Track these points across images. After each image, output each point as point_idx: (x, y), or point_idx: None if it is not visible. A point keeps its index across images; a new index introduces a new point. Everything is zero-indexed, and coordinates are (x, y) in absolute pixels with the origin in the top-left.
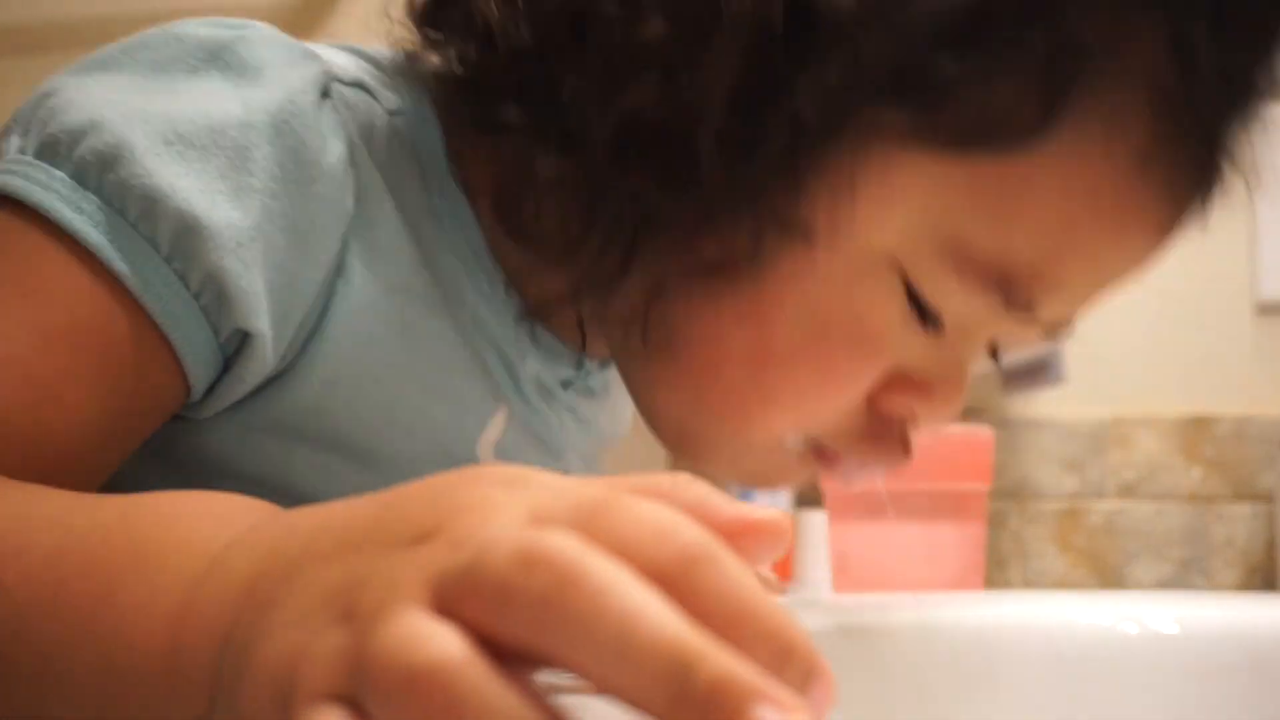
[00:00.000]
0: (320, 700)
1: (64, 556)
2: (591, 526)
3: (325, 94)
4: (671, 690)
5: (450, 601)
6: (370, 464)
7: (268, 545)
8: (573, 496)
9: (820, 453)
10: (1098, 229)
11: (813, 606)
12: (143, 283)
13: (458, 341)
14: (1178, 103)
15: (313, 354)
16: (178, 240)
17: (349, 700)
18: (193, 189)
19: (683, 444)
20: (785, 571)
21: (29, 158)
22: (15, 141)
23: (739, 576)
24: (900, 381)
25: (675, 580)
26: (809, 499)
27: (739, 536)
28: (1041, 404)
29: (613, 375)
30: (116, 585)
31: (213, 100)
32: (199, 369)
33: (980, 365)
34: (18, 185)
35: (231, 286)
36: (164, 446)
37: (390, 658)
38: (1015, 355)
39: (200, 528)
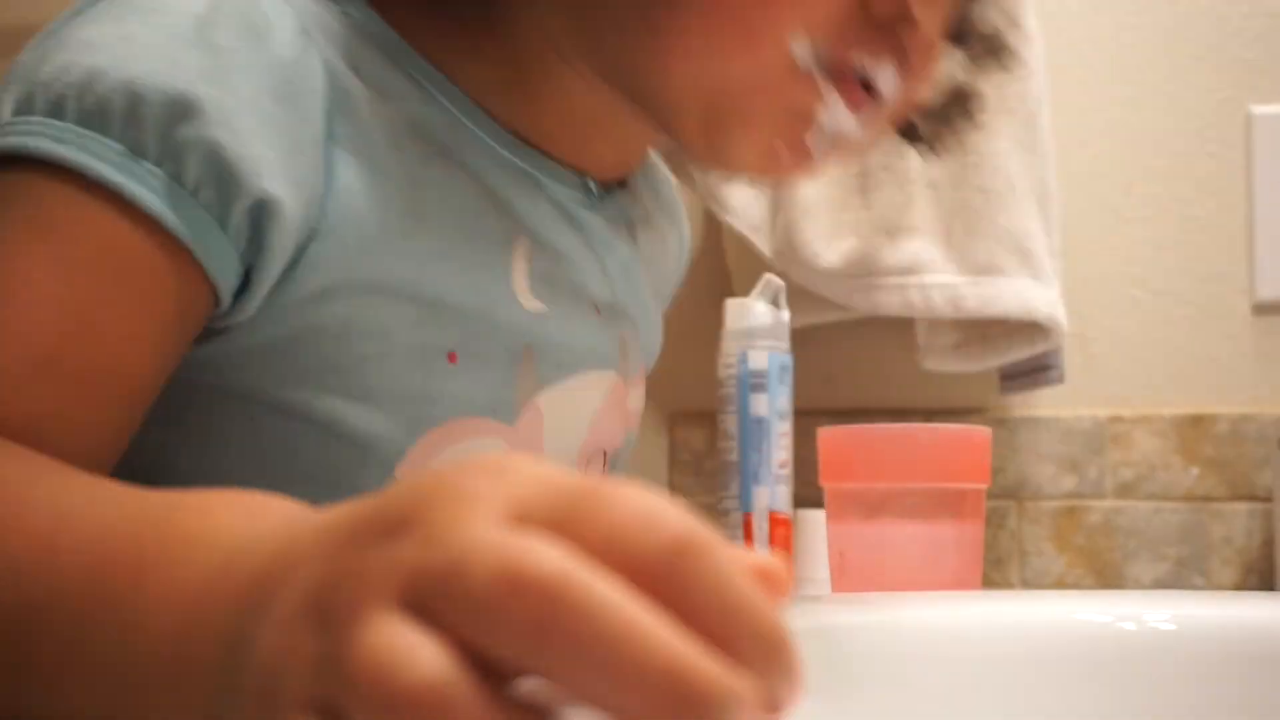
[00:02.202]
0: (302, 711)
1: (96, 547)
2: (575, 518)
3: None
4: (666, 709)
5: (426, 605)
6: (420, 315)
7: (275, 546)
8: (555, 486)
9: (831, 69)
10: None
11: (811, 606)
12: (142, 192)
13: (464, 185)
14: None
15: (331, 216)
16: (164, 138)
17: (330, 708)
18: (167, 82)
19: (704, 112)
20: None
21: (6, 118)
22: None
23: (728, 568)
24: None
25: (663, 572)
26: (808, 499)
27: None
28: (1040, 403)
29: (652, 207)
30: (143, 576)
31: (160, 6)
32: (217, 263)
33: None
34: (11, 143)
35: (229, 156)
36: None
37: (374, 673)
38: (1010, 356)
39: (227, 524)
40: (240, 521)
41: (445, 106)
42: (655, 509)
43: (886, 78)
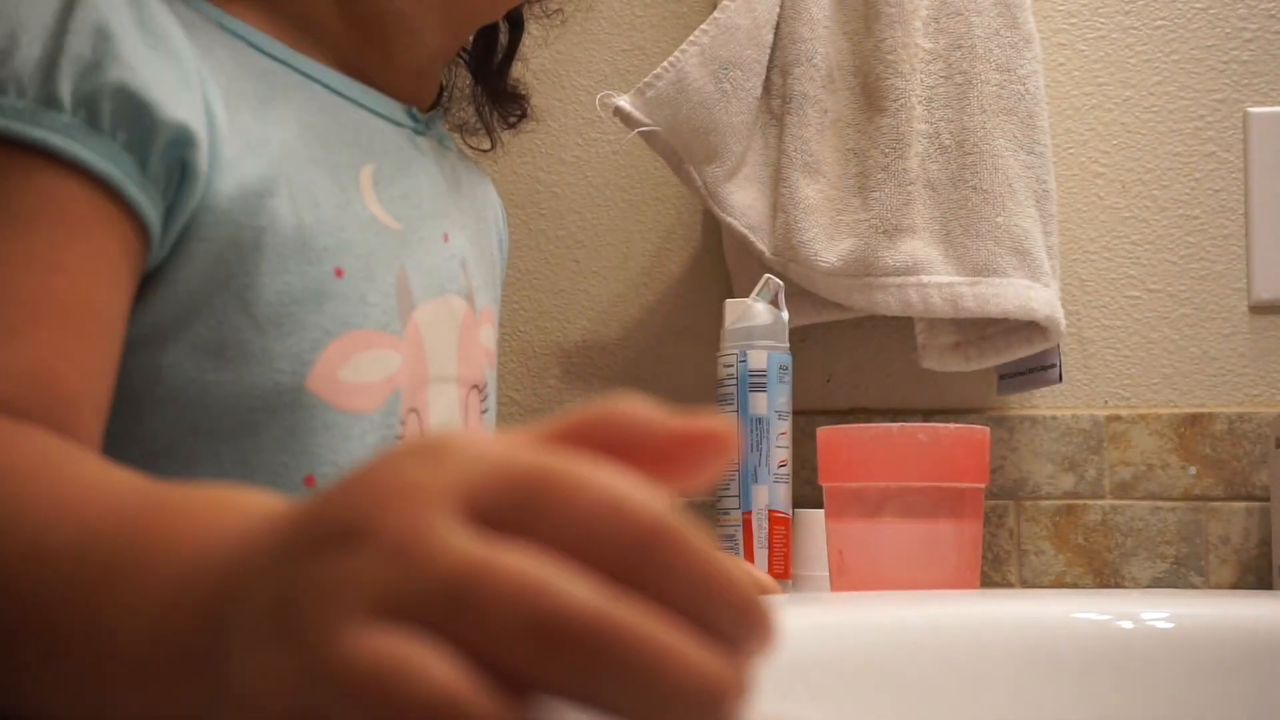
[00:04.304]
0: None
1: (77, 550)
2: (537, 512)
3: None
4: (654, 696)
5: (415, 617)
6: (302, 231)
7: (227, 562)
8: (510, 471)
9: None
10: None
11: (811, 605)
12: (74, 149)
13: (304, 115)
14: None
15: (218, 146)
16: (77, 84)
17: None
18: (52, 46)
19: None
20: (785, 571)
21: None
22: None
23: (697, 549)
24: None
25: (634, 563)
26: (808, 499)
27: (682, 450)
28: (1038, 403)
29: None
30: (115, 584)
31: None
32: (144, 201)
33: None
34: None
35: (137, 90)
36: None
37: (378, 685)
38: (1008, 356)
39: (190, 542)
40: (202, 529)
41: (268, 54)
42: (622, 500)
43: None
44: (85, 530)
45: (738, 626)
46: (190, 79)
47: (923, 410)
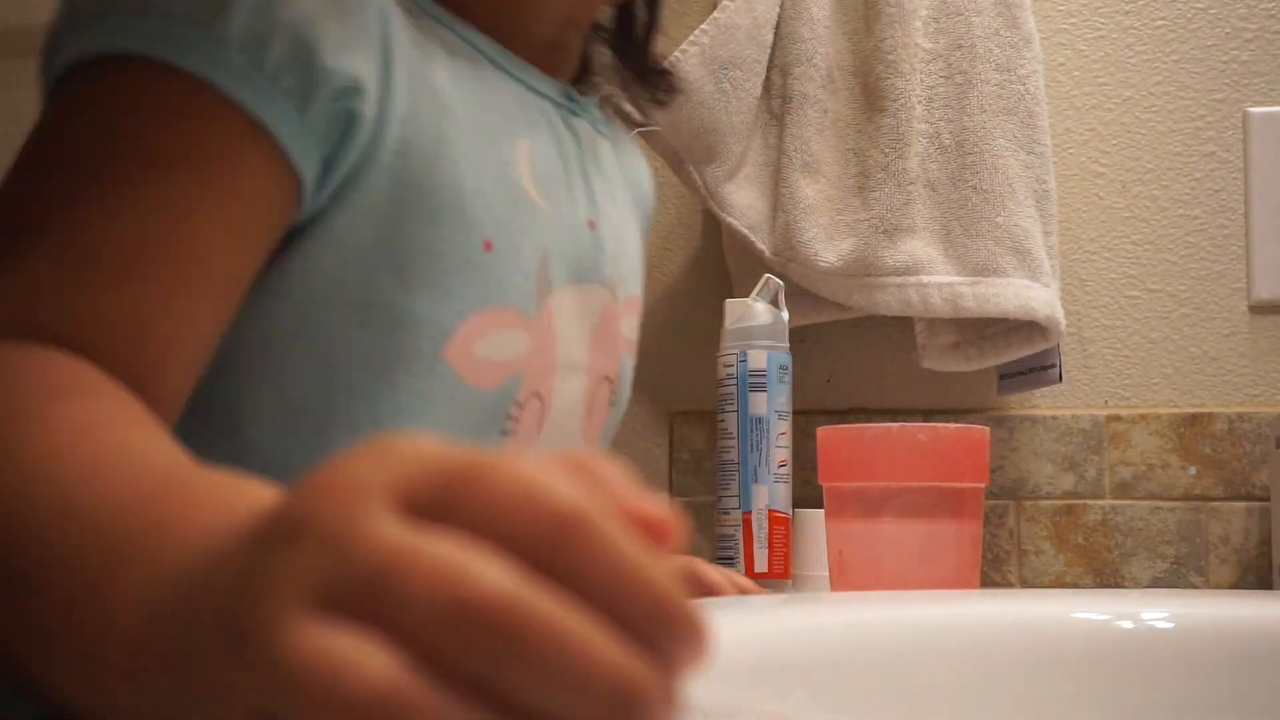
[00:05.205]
0: None
1: (90, 528)
2: (459, 499)
3: None
4: (565, 687)
5: (352, 608)
6: (462, 200)
7: (212, 558)
8: (437, 463)
9: None
10: None
11: (811, 606)
12: (232, 88)
13: (475, 91)
14: None
15: (393, 107)
16: (248, 25)
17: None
18: None
19: None
20: (785, 570)
21: (85, 18)
22: (64, 19)
23: (613, 542)
24: None
25: (548, 551)
26: (808, 498)
27: (631, 524)
28: (1038, 402)
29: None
30: (116, 568)
31: None
32: (299, 149)
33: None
34: (83, 45)
35: (307, 35)
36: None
37: (321, 681)
38: (1008, 356)
39: (193, 530)
40: (207, 518)
41: (448, 25)
42: (539, 488)
43: None
44: (110, 501)
45: (655, 624)
46: (370, 30)
47: (923, 410)
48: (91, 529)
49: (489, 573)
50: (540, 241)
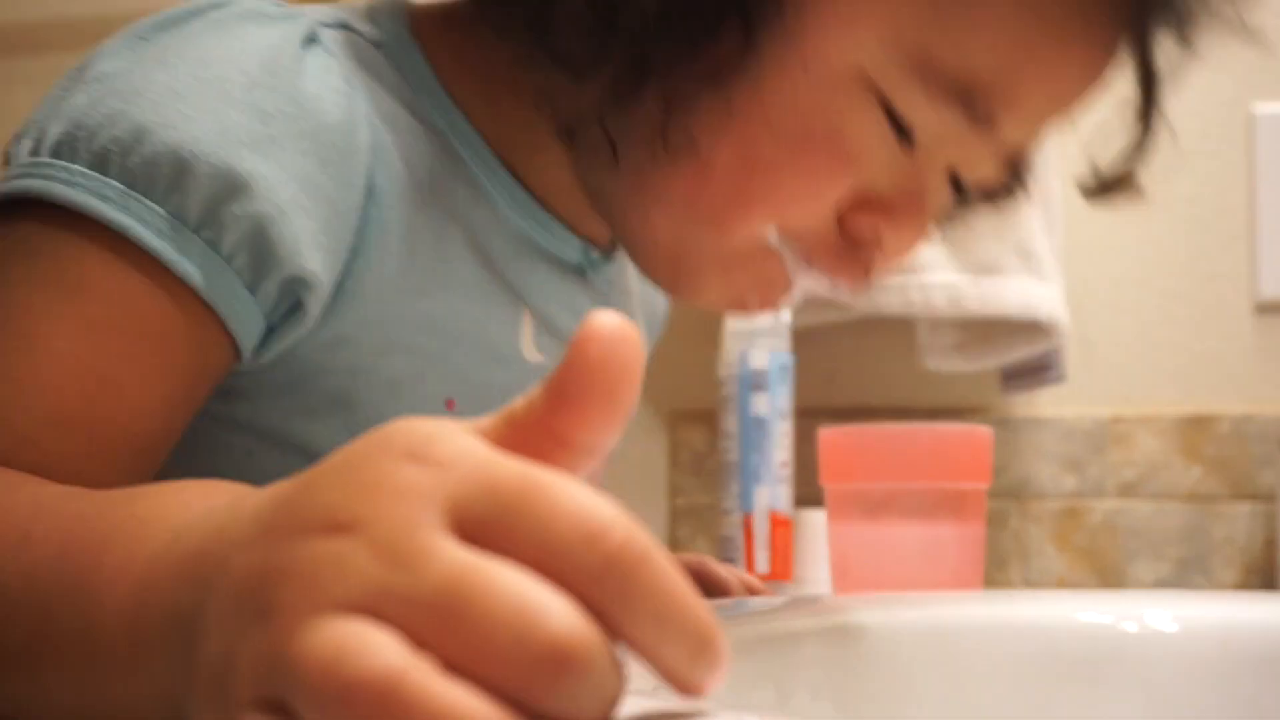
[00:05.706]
0: (251, 709)
1: (63, 535)
2: (514, 524)
3: (313, 39)
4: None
5: (381, 614)
6: (427, 367)
7: (216, 522)
8: (490, 480)
9: (803, 257)
10: (1047, 41)
11: (812, 607)
12: (181, 261)
13: (474, 252)
14: None
15: (358, 273)
16: (208, 210)
17: (279, 704)
18: (215, 154)
19: (674, 264)
20: (786, 572)
21: (45, 158)
22: (27, 144)
23: (665, 575)
24: (869, 203)
25: (602, 584)
26: (809, 499)
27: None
28: (1041, 403)
29: (620, 270)
30: (102, 556)
31: (211, 58)
32: (244, 328)
33: (941, 197)
34: (38, 186)
35: (271, 234)
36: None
37: (321, 666)
38: (1011, 355)
39: (181, 503)
40: (195, 499)
41: (464, 159)
42: (596, 521)
43: (845, 283)
44: (71, 518)
45: (689, 653)
46: (345, 211)
47: (925, 410)
48: (68, 537)
49: (561, 613)
50: (520, 389)
